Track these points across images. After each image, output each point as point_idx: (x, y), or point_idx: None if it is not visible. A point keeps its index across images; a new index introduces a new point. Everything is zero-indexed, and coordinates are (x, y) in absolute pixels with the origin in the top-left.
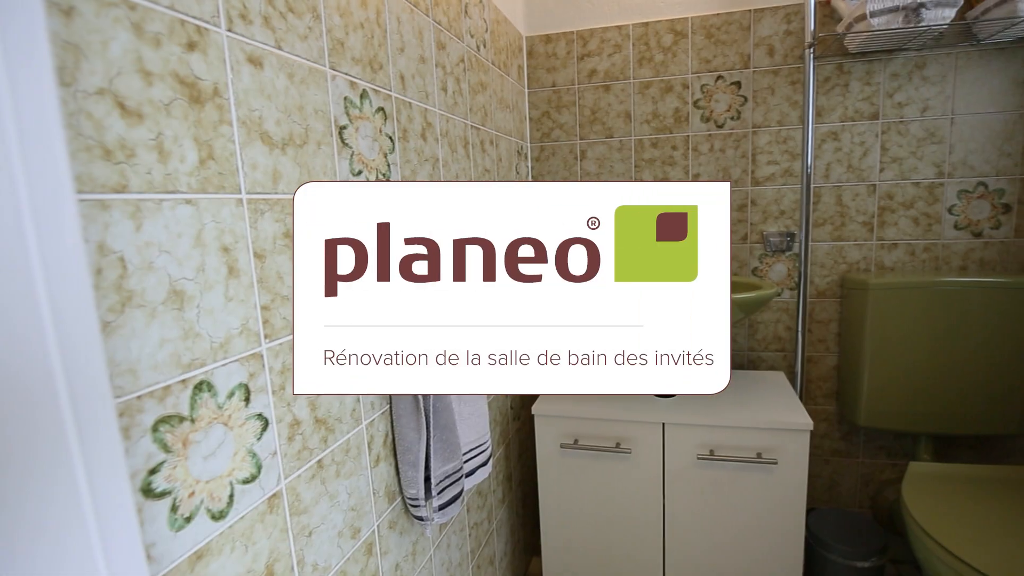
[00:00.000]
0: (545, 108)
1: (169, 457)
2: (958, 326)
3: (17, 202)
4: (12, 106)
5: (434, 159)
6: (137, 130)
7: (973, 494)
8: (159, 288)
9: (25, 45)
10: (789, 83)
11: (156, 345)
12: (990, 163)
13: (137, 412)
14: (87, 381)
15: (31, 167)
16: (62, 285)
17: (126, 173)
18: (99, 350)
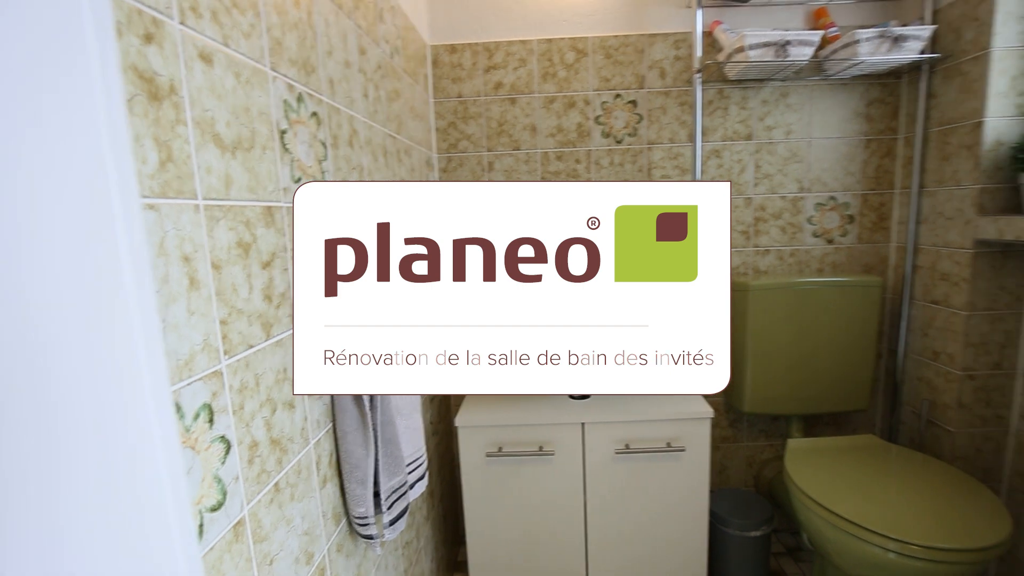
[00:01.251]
0: (451, 118)
1: None
2: (817, 320)
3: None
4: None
5: (359, 167)
6: None
7: (836, 461)
8: None
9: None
10: (678, 104)
11: None
12: (838, 180)
13: None
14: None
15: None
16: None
17: None
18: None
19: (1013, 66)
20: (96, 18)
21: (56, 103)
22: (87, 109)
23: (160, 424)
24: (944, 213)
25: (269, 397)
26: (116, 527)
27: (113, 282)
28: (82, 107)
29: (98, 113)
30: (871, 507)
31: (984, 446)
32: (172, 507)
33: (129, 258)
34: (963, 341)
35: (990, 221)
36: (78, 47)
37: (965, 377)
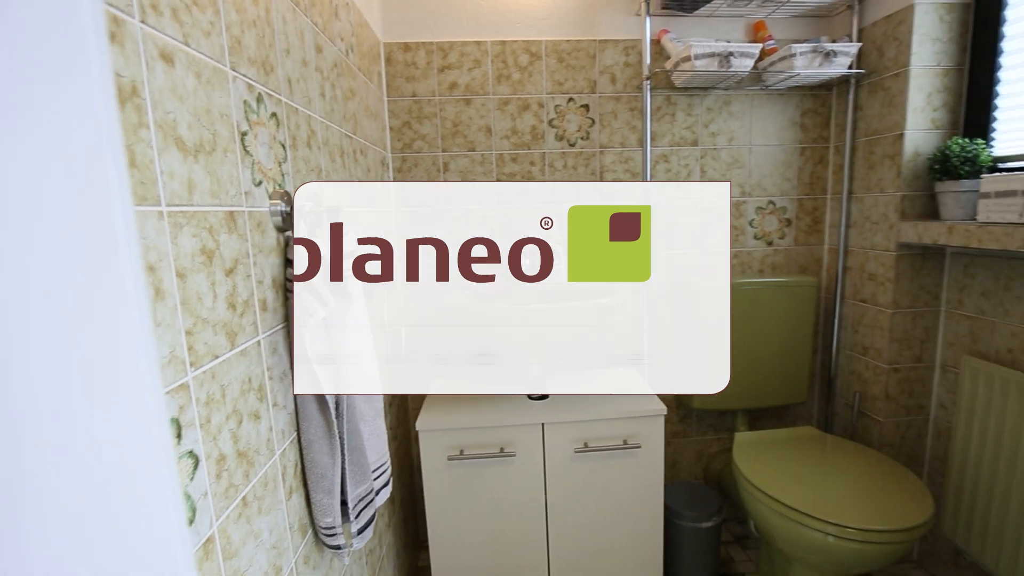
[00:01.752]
0: (406, 118)
1: None
2: (758, 318)
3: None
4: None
5: (318, 169)
6: None
7: (779, 452)
8: None
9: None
10: (628, 109)
11: None
12: (776, 186)
13: None
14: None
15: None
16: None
17: None
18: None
19: (929, 83)
20: (94, 16)
21: (53, 105)
22: (86, 110)
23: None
24: (871, 218)
25: (235, 408)
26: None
27: (114, 292)
28: (81, 108)
29: (98, 114)
30: (812, 494)
31: (907, 434)
32: (171, 525)
33: (130, 267)
34: (888, 337)
35: (911, 226)
36: (79, 46)
37: (891, 370)
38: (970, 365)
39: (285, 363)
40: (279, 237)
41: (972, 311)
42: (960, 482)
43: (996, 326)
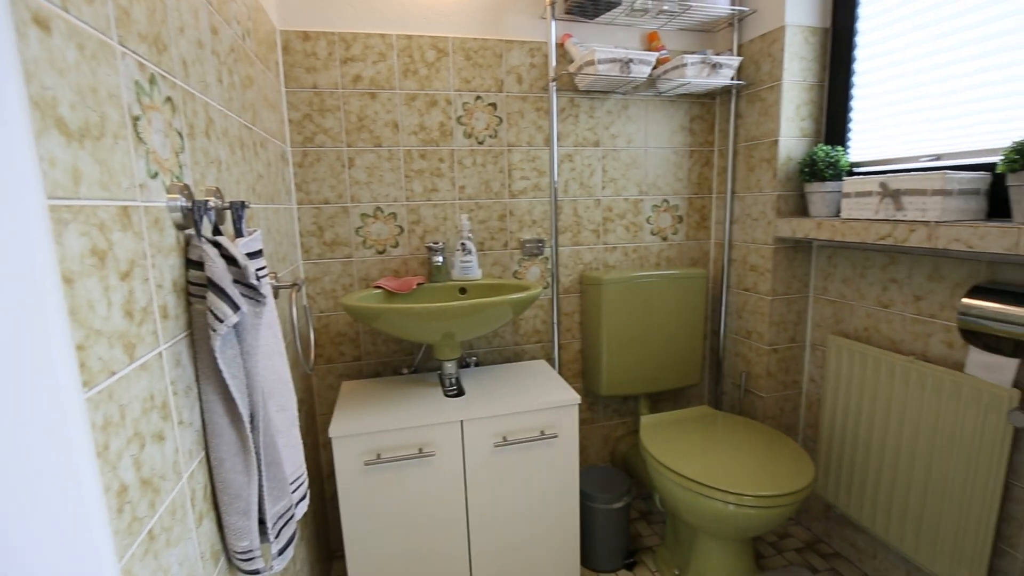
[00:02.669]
0: (307, 110)
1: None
2: (655, 308)
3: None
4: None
5: (217, 162)
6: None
7: (681, 430)
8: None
9: None
10: (535, 109)
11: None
12: (670, 185)
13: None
14: None
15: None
16: None
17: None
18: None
19: (798, 96)
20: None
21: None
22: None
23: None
24: (751, 215)
25: (137, 431)
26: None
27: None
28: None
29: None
30: (711, 468)
31: (785, 406)
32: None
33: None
34: (768, 321)
35: (785, 222)
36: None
37: (771, 351)
38: (834, 343)
39: (190, 375)
40: (179, 235)
41: (835, 296)
42: (829, 445)
43: (854, 308)
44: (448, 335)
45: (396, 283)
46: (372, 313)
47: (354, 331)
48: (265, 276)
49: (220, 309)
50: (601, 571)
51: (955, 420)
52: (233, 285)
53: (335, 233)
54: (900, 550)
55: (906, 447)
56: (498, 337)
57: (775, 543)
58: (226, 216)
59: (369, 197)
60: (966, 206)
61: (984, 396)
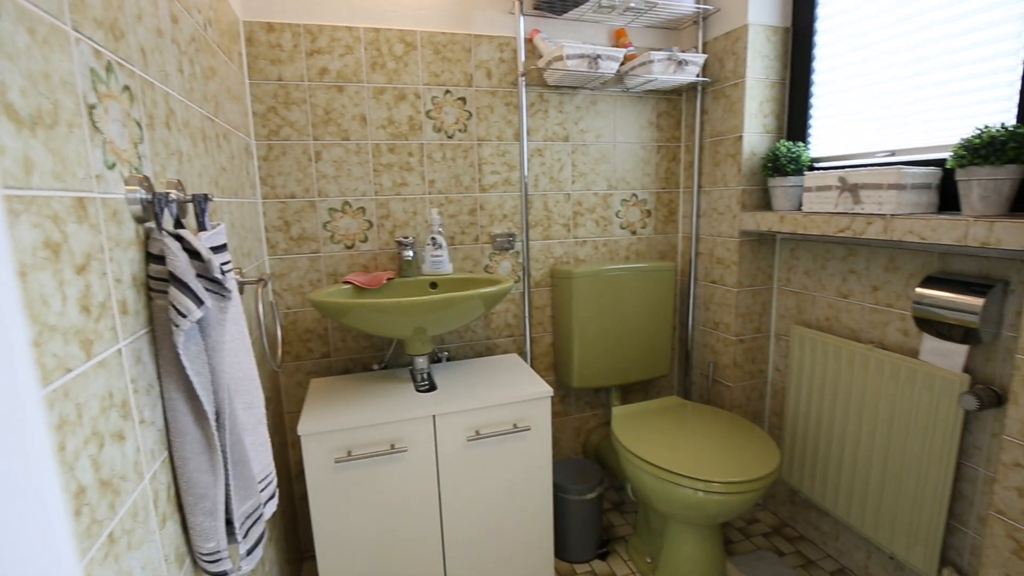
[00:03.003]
0: (271, 103)
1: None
2: (625, 301)
3: None
4: None
5: (179, 153)
6: None
7: (652, 421)
8: None
9: None
10: (504, 104)
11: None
12: (638, 180)
13: None
14: None
15: None
16: None
17: None
18: None
19: (761, 93)
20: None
21: None
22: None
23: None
24: (717, 209)
25: (95, 430)
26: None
27: None
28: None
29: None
30: (682, 456)
31: (752, 395)
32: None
33: None
34: (735, 312)
35: (750, 215)
36: None
37: (737, 341)
38: (797, 333)
39: (152, 373)
40: (138, 228)
41: (798, 287)
42: (793, 432)
43: (816, 299)
44: (419, 330)
45: (366, 278)
46: (341, 309)
47: (322, 327)
48: (230, 271)
49: (183, 304)
50: (575, 562)
51: (911, 405)
52: (197, 279)
53: (302, 228)
54: (860, 531)
55: (865, 432)
56: (470, 332)
57: (743, 528)
58: (188, 209)
59: (337, 191)
60: (919, 200)
61: (937, 381)
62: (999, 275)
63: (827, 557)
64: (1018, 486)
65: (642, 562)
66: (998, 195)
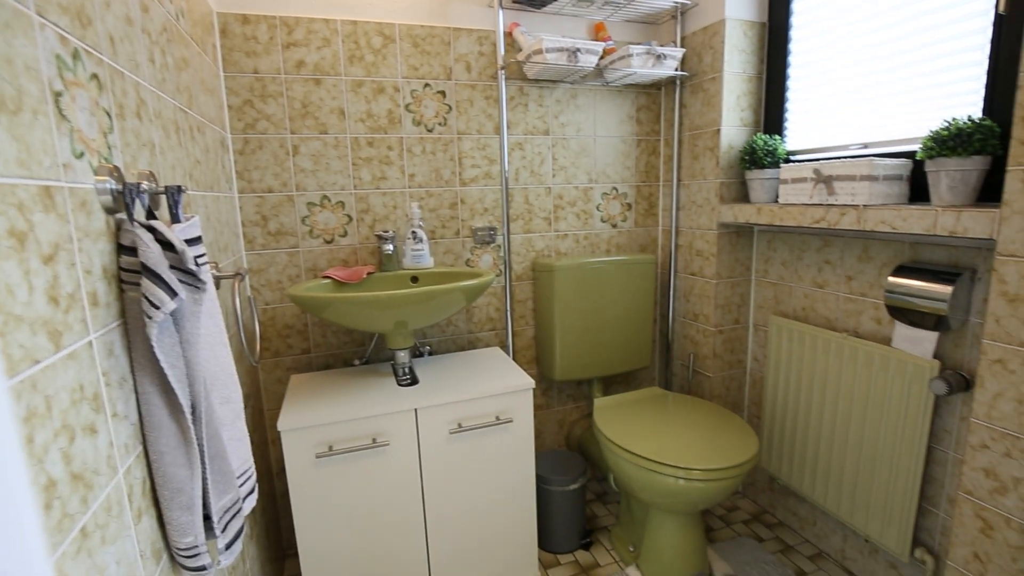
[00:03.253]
0: (247, 96)
1: None
2: (606, 293)
3: None
4: None
5: (151, 144)
6: None
7: (633, 411)
8: None
9: None
10: (484, 98)
11: None
12: (618, 173)
13: None
14: None
15: None
16: None
17: None
18: None
19: (738, 87)
20: None
21: None
22: None
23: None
24: (696, 202)
25: (65, 423)
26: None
27: None
28: None
29: None
30: (662, 445)
31: (731, 385)
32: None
33: None
34: (714, 303)
35: (728, 208)
36: None
37: (716, 332)
38: (775, 323)
39: (124, 367)
40: (108, 219)
41: (775, 279)
42: (772, 420)
43: (792, 290)
44: (400, 324)
45: (345, 273)
46: (321, 303)
47: (302, 323)
48: (205, 263)
49: (156, 295)
50: (559, 552)
51: (884, 391)
52: (170, 271)
53: (280, 223)
54: (837, 515)
55: (841, 419)
56: (452, 326)
57: (724, 516)
58: (161, 201)
59: (315, 185)
60: (890, 190)
61: (909, 367)
62: (967, 264)
63: (805, 542)
64: (985, 467)
65: (625, 551)
66: (965, 185)
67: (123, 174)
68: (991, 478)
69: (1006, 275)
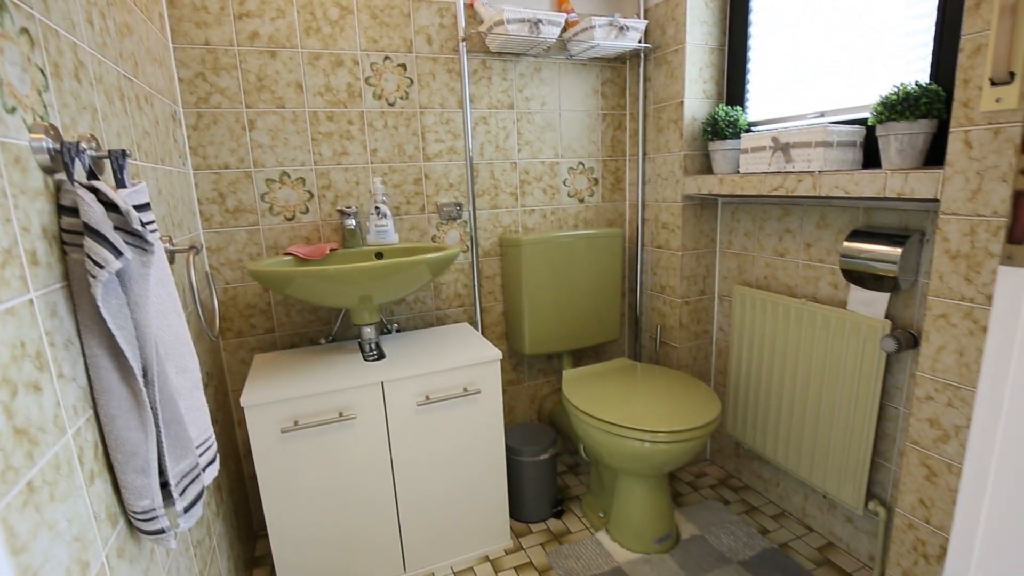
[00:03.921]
0: (199, 68)
1: None
2: (575, 268)
3: None
4: None
5: (92, 109)
6: None
7: (601, 381)
8: None
9: None
10: (446, 71)
11: None
12: (584, 148)
13: None
14: None
15: None
16: None
17: None
18: None
19: (700, 59)
20: None
21: None
22: None
23: None
24: (661, 175)
25: (5, 377)
26: None
27: None
28: None
29: None
30: (629, 411)
31: (698, 355)
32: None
33: None
34: (680, 275)
35: (691, 179)
36: None
37: (683, 303)
38: (739, 292)
39: (70, 329)
40: (47, 179)
41: (739, 249)
42: (736, 387)
43: (755, 259)
44: (365, 299)
45: (308, 249)
46: (283, 278)
47: (265, 302)
48: (155, 230)
49: (99, 255)
50: (531, 522)
51: (840, 353)
52: (115, 232)
53: (238, 200)
54: (797, 475)
55: (800, 382)
56: (419, 303)
57: (692, 482)
58: (105, 166)
59: (274, 161)
60: (844, 157)
61: (862, 328)
62: (916, 226)
63: (769, 503)
64: (929, 417)
65: (595, 518)
66: (913, 149)
67: (61, 134)
68: (935, 427)
69: (949, 233)
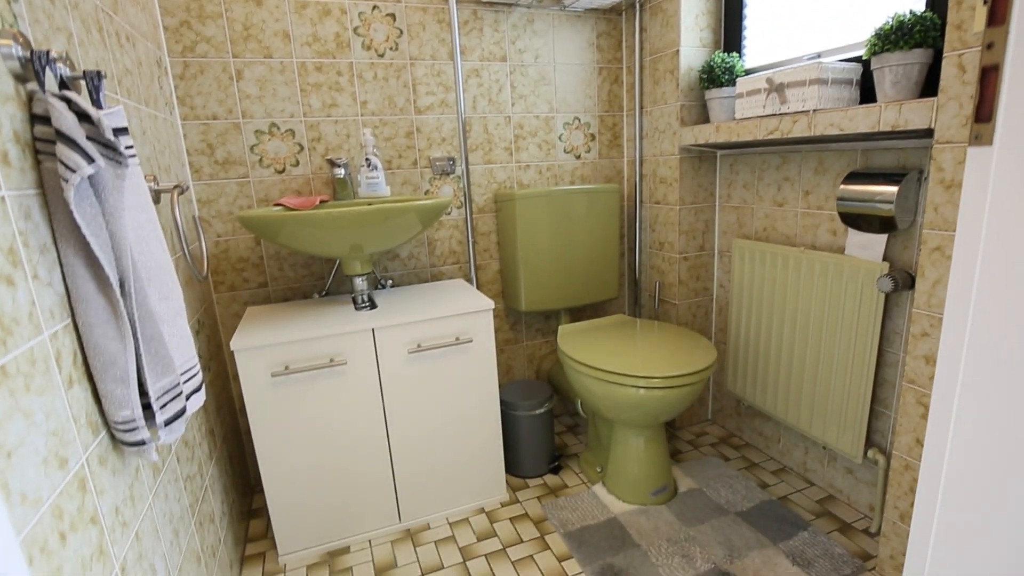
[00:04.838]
0: (184, 16)
1: None
2: (572, 223)
3: None
4: None
5: (68, 32)
6: None
7: (597, 335)
8: None
9: None
10: (436, 21)
11: None
12: (580, 103)
13: None
14: None
15: None
16: None
17: None
18: None
19: (696, 6)
20: None
21: None
22: None
23: None
24: (658, 128)
25: None
26: None
27: None
28: None
29: None
30: (625, 361)
31: (697, 312)
32: None
33: None
34: (678, 230)
35: (688, 130)
36: None
37: (681, 259)
38: (738, 246)
39: (45, 236)
40: (18, 87)
41: (738, 202)
42: (736, 344)
43: (754, 211)
44: (356, 247)
45: (298, 200)
46: (274, 224)
47: (257, 256)
48: (134, 155)
49: (71, 159)
50: (528, 477)
51: (839, 299)
52: (88, 141)
53: (227, 151)
54: (797, 427)
55: (800, 333)
56: (413, 259)
57: (692, 440)
58: (82, 88)
59: (263, 113)
60: (840, 95)
61: (860, 272)
62: (914, 165)
63: (770, 459)
64: (925, 354)
65: (592, 472)
66: (907, 80)
67: (31, 43)
68: (931, 364)
69: (943, 162)
